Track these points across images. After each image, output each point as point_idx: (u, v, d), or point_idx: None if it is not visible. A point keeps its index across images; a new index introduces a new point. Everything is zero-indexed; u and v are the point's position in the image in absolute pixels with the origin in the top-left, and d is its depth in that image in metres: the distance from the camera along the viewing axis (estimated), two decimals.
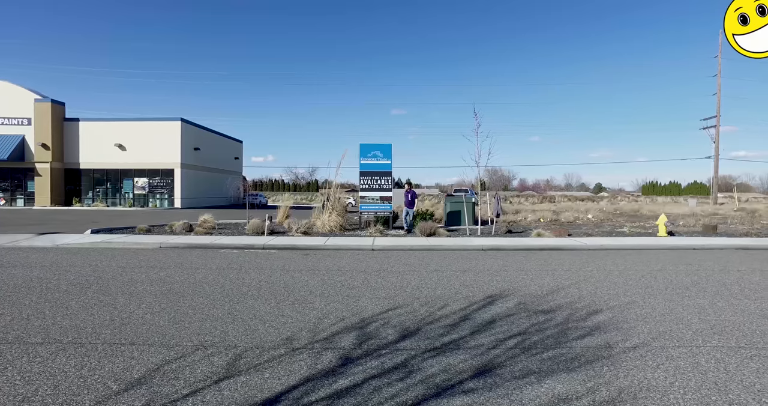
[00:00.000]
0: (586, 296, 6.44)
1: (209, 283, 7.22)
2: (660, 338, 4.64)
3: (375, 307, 5.82)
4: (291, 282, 7.37)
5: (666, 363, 3.96)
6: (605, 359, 4.03)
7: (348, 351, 4.24)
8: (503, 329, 4.90)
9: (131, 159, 31.34)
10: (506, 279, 7.69)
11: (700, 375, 3.72)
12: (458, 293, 6.64)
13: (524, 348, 4.31)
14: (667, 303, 6.08)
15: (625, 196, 72.10)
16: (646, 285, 7.25)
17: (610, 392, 3.39)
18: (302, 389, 3.44)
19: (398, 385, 3.51)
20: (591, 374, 3.70)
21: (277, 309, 5.68)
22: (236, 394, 3.33)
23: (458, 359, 4.03)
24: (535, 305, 5.90)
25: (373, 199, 15.81)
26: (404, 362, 3.97)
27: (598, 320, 5.26)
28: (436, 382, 3.57)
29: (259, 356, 4.09)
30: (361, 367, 3.86)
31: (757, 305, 6.02)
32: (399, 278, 7.79)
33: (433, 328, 4.94)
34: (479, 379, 3.62)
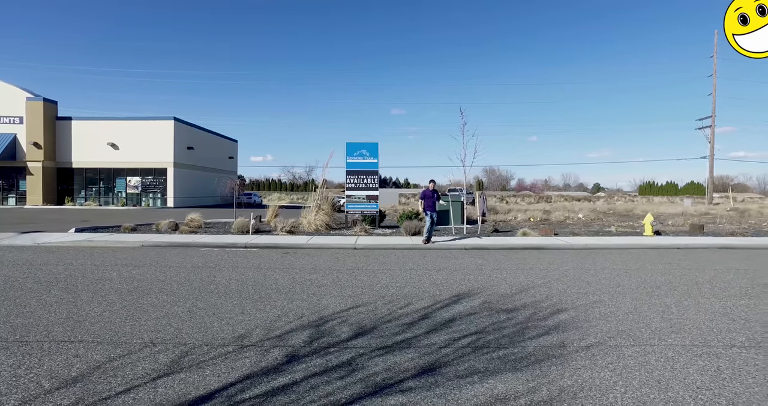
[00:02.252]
0: (554, 295, 6.40)
1: (179, 281, 7.18)
2: (617, 337, 4.60)
3: (337, 305, 5.78)
4: (261, 280, 7.33)
5: (615, 362, 3.92)
6: (555, 359, 3.99)
7: (296, 349, 4.20)
8: (460, 327, 4.86)
9: (124, 158, 31.29)
10: (479, 278, 7.65)
11: (646, 374, 3.68)
12: (426, 291, 6.60)
13: (476, 347, 4.27)
14: (634, 302, 6.04)
15: (622, 197, 72.08)
16: (618, 284, 7.22)
17: (551, 391, 3.35)
18: (238, 386, 3.40)
19: (336, 383, 3.47)
20: (536, 374, 3.66)
21: (239, 307, 5.65)
22: (170, 391, 3.29)
23: (405, 358, 3.99)
24: (499, 304, 5.86)
25: (360, 198, 15.77)
26: (350, 361, 3.93)
27: (559, 319, 5.22)
28: (376, 381, 3.52)
29: (205, 354, 4.05)
30: (305, 365, 3.82)
31: (722, 303, 5.99)
32: (371, 276, 7.74)
33: (389, 326, 4.90)
34: (421, 378, 3.58)
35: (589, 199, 64.61)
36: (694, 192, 77.66)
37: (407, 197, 53.69)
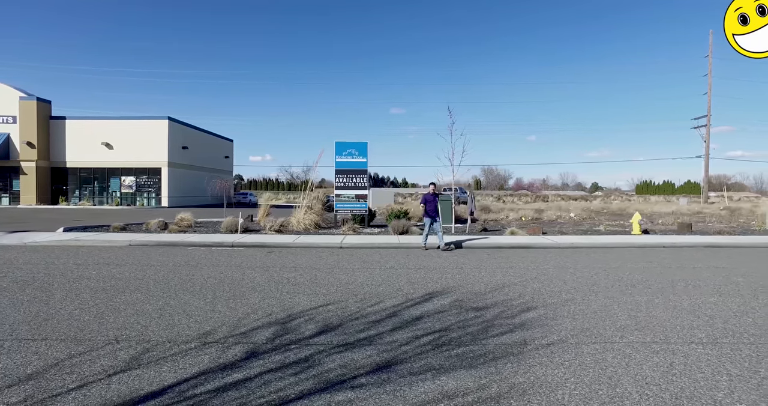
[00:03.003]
0: (527, 294, 6.44)
1: (157, 279, 7.21)
2: (579, 334, 4.63)
3: (309, 303, 5.82)
4: (239, 278, 7.36)
5: (572, 360, 3.95)
6: (513, 356, 4.02)
7: (258, 346, 4.23)
8: (426, 325, 4.89)
9: (118, 158, 31.30)
10: (457, 277, 7.68)
11: (600, 371, 3.71)
12: (400, 290, 6.63)
13: (437, 345, 4.30)
14: (606, 300, 6.08)
15: (619, 196, 72.07)
16: (594, 282, 7.25)
17: (501, 388, 3.38)
18: (192, 382, 3.43)
19: (289, 379, 3.50)
20: (490, 371, 3.68)
21: (210, 305, 5.68)
22: (123, 387, 3.32)
23: (364, 355, 4.02)
24: (470, 302, 5.89)
25: (349, 198, 15.80)
26: (308, 357, 3.96)
27: (526, 317, 5.25)
28: (329, 377, 3.56)
29: (167, 350, 4.08)
30: (262, 361, 3.85)
31: (692, 301, 6.03)
32: (349, 275, 7.78)
33: (355, 324, 4.93)
34: (375, 374, 3.61)
35: (585, 199, 64.63)
36: (690, 191, 77.73)
37: (404, 197, 53.65)
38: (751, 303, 5.96)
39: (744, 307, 5.75)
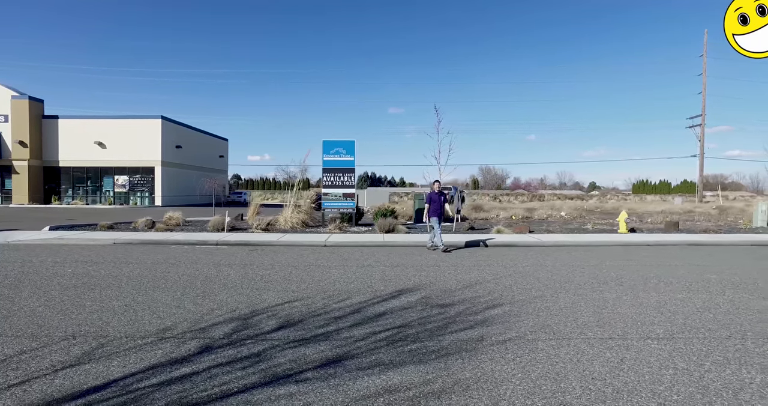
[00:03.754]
0: (497, 291, 6.45)
1: (131, 276, 7.21)
2: (538, 331, 4.64)
3: (276, 299, 5.83)
4: (213, 276, 7.37)
5: (524, 355, 3.95)
6: (466, 352, 4.02)
7: (214, 341, 4.24)
8: (386, 321, 4.90)
9: (111, 157, 31.27)
10: (431, 274, 7.69)
11: (549, 366, 3.72)
12: (371, 286, 6.64)
13: (392, 341, 4.31)
14: (574, 297, 6.09)
15: (615, 195, 72.18)
16: (568, 280, 7.26)
17: (445, 383, 3.38)
18: (139, 376, 3.44)
19: (236, 373, 3.51)
20: (439, 367, 3.69)
21: (178, 301, 5.68)
22: (67, 382, 3.32)
23: (316, 350, 4.03)
24: (438, 299, 5.90)
25: (337, 196, 15.81)
26: (261, 352, 3.97)
27: (490, 314, 5.26)
28: (276, 371, 3.57)
29: (122, 346, 4.09)
30: (214, 356, 3.86)
31: (660, 298, 6.04)
32: (324, 272, 7.79)
33: (316, 320, 4.94)
34: (322, 369, 3.62)
35: (582, 198, 64.72)
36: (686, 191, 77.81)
37: (399, 196, 53.68)
38: (716, 299, 5.98)
39: (708, 303, 5.77)
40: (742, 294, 6.33)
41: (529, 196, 66.59)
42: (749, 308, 5.60)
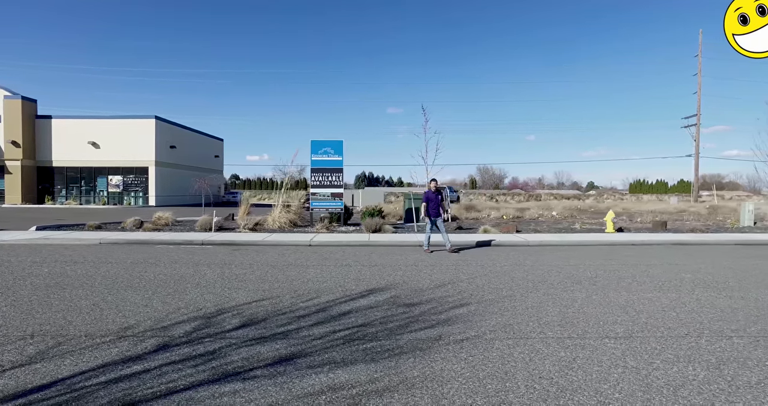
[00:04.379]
0: (468, 290, 6.47)
1: (107, 276, 7.23)
2: (499, 330, 4.65)
3: (245, 298, 5.85)
4: (189, 275, 7.39)
5: (478, 355, 3.96)
6: (420, 351, 4.03)
7: (173, 339, 4.26)
8: (349, 320, 4.92)
9: (105, 157, 31.27)
10: (408, 273, 7.71)
11: (500, 365, 3.73)
12: (344, 286, 6.66)
13: (350, 339, 4.33)
14: (544, 296, 6.11)
15: (612, 195, 72.26)
16: (542, 280, 7.28)
17: (391, 382, 3.40)
18: (88, 374, 3.45)
19: (186, 371, 3.53)
20: (389, 366, 3.70)
21: (147, 300, 5.70)
22: (12, 382, 3.33)
23: (272, 348, 4.05)
24: (406, 299, 5.92)
25: (325, 196, 15.83)
26: (216, 350, 3.99)
27: (455, 313, 5.27)
28: (226, 369, 3.58)
29: (79, 344, 4.10)
30: (169, 354, 3.88)
31: (629, 297, 6.06)
32: (300, 271, 7.81)
33: (280, 318, 4.96)
34: (273, 367, 3.64)
35: (578, 198, 64.75)
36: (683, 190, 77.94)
37: (396, 196, 53.71)
38: (684, 298, 6.00)
39: (675, 302, 5.79)
40: (711, 293, 6.35)
41: (525, 196, 66.67)
42: (714, 306, 5.63)
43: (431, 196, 10.91)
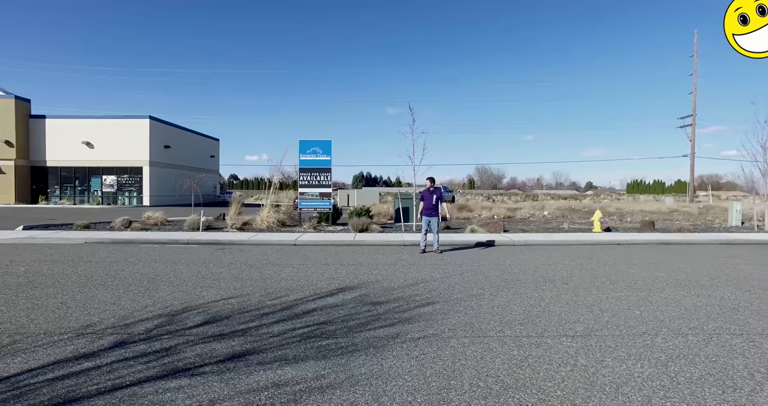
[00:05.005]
0: (438, 289, 6.49)
1: (82, 275, 7.25)
2: (458, 329, 4.66)
3: (215, 296, 5.88)
4: (165, 273, 7.41)
5: (431, 353, 3.97)
6: (373, 349, 4.05)
7: (131, 336, 4.29)
8: (311, 318, 4.95)
9: (99, 157, 31.28)
10: (383, 272, 7.74)
11: (450, 363, 3.74)
12: (315, 284, 6.68)
13: (307, 337, 4.35)
14: (514, 295, 6.13)
15: (609, 195, 72.30)
16: (516, 279, 7.30)
17: (337, 379, 3.42)
18: (36, 372, 3.47)
19: (136, 367, 3.55)
20: (339, 363, 3.72)
21: (116, 298, 5.73)
22: None
23: (227, 345, 4.07)
24: (375, 297, 5.94)
25: (313, 196, 15.85)
26: (171, 347, 4.02)
27: (419, 311, 5.29)
28: (177, 365, 3.61)
29: (35, 342, 4.12)
30: (124, 350, 3.91)
31: (598, 296, 6.08)
32: (276, 270, 7.83)
33: (243, 316, 4.99)
34: (223, 364, 3.66)
35: (576, 198, 64.78)
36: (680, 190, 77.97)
37: (391, 196, 53.71)
38: (652, 297, 6.03)
39: (642, 301, 5.82)
40: (680, 291, 6.38)
41: (522, 196, 66.74)
42: (679, 304, 5.65)
43: (426, 196, 10.62)
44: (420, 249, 10.55)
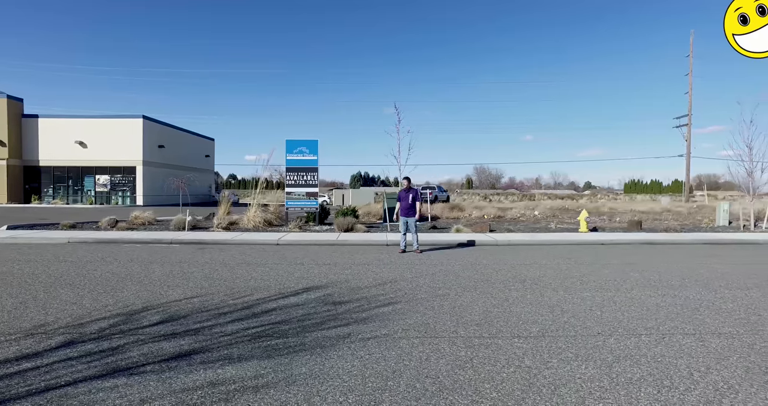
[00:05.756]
0: (405, 289, 6.47)
1: (52, 274, 7.24)
2: (412, 329, 4.63)
3: (179, 295, 5.87)
4: (136, 272, 7.41)
5: (377, 353, 3.94)
6: (320, 349, 4.04)
7: (83, 336, 4.28)
8: (268, 318, 4.94)
9: (93, 156, 31.28)
10: (355, 272, 7.73)
11: (393, 364, 3.72)
12: (282, 284, 6.68)
13: (258, 336, 4.34)
14: (479, 296, 6.11)
15: (606, 194, 72.23)
16: (486, 279, 7.28)
17: (275, 378, 3.41)
18: None
19: (77, 367, 3.55)
20: (282, 362, 3.71)
21: (79, 298, 5.72)
22: None
23: (176, 344, 4.07)
24: (339, 297, 5.94)
25: (300, 195, 15.84)
26: (119, 346, 4.01)
27: (378, 311, 5.28)
28: (119, 364, 3.60)
29: None
30: (69, 350, 3.90)
31: (564, 296, 6.07)
32: (249, 269, 7.82)
33: (201, 315, 4.99)
34: (166, 363, 3.65)
35: (572, 197, 64.73)
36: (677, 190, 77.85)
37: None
38: (618, 297, 6.02)
39: (607, 301, 5.80)
40: (647, 292, 6.37)
41: (519, 196, 66.61)
42: (642, 305, 5.64)
43: (402, 196, 10.72)
44: (400, 249, 10.55)
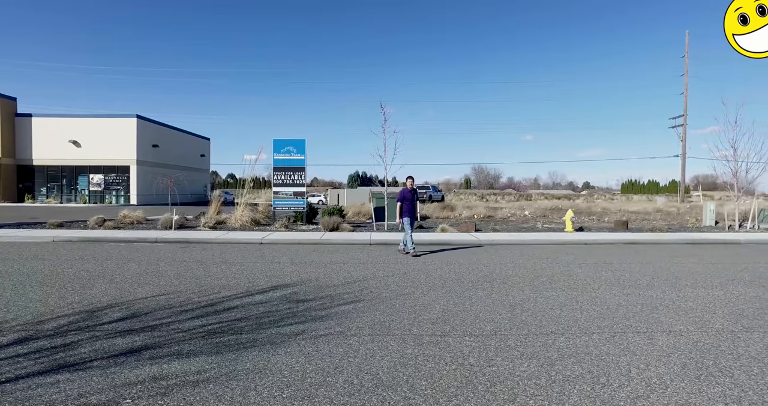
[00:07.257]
0: (371, 288, 6.52)
1: (25, 273, 7.30)
2: (366, 327, 4.66)
3: (146, 293, 5.93)
4: (111, 270, 7.47)
5: (326, 350, 3.98)
6: (270, 345, 4.08)
7: (38, 333, 4.34)
8: (229, 315, 5.00)
9: (86, 155, 31.34)
10: (327, 271, 7.78)
11: (338, 361, 3.76)
12: (252, 282, 6.74)
13: (213, 332, 4.40)
14: (443, 295, 6.15)
15: (603, 195, 72.34)
16: (456, 278, 7.32)
17: (217, 373, 3.46)
18: None
19: (24, 363, 3.60)
20: (229, 358, 3.76)
21: (45, 295, 5.78)
22: None
23: (129, 340, 4.12)
24: (304, 295, 5.99)
25: (287, 195, 15.90)
26: (72, 343, 4.06)
27: (338, 310, 5.31)
28: (66, 360, 3.66)
29: None
30: (20, 347, 3.95)
31: (529, 295, 6.12)
32: (224, 268, 7.88)
33: (163, 312, 5.04)
34: (115, 358, 3.71)
35: (569, 197, 64.88)
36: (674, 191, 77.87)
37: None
38: (581, 296, 6.07)
39: (569, 300, 5.85)
40: (613, 291, 6.43)
41: (516, 196, 66.81)
42: (604, 303, 5.70)
43: (407, 195, 9.93)
44: (403, 250, 10.04)
